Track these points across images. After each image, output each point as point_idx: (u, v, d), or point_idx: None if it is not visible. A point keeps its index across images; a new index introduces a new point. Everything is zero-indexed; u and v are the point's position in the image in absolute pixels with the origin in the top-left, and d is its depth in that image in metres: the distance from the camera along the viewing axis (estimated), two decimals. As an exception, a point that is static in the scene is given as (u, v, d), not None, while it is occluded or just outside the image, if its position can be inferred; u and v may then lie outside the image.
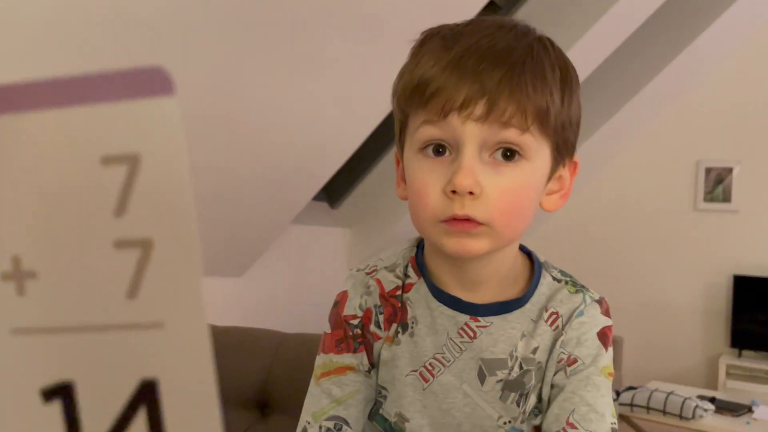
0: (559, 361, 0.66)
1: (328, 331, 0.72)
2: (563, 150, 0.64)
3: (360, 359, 0.70)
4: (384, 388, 0.70)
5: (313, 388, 0.71)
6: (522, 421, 0.67)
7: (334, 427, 0.68)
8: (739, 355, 3.82)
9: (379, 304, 0.70)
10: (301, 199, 2.59)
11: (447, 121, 0.58)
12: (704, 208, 4.06)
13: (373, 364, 0.70)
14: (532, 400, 0.67)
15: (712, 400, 2.56)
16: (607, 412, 0.65)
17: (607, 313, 0.68)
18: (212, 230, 2.35)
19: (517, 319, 0.67)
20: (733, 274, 3.87)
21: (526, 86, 0.57)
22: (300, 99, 2.03)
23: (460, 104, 0.57)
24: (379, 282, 0.71)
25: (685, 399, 2.38)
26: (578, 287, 0.69)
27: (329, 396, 0.69)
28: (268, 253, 2.83)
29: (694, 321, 4.04)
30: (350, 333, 0.70)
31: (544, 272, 0.69)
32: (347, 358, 0.70)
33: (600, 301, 0.69)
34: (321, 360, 0.71)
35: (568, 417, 0.64)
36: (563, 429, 0.64)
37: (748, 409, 2.51)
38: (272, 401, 1.23)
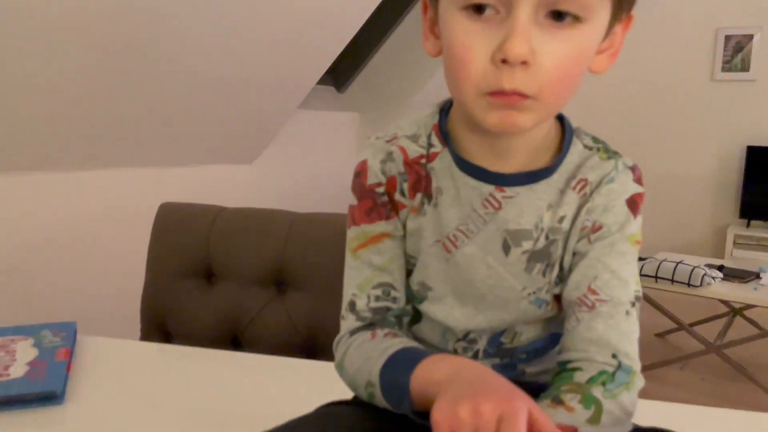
0: (582, 229, 0.64)
1: (355, 203, 0.69)
2: (625, 5, 0.58)
3: (394, 225, 0.68)
4: (413, 257, 0.69)
5: (351, 261, 0.69)
6: (547, 291, 0.66)
7: (383, 294, 0.67)
8: (748, 225, 3.85)
9: (403, 171, 0.67)
10: (307, 82, 2.53)
11: None
12: (721, 78, 3.93)
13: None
14: (557, 269, 0.65)
15: (721, 268, 2.60)
16: (631, 279, 0.64)
17: (639, 180, 0.66)
18: (221, 118, 2.32)
19: (543, 190, 0.64)
20: (746, 144, 3.82)
21: None
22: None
23: None
24: (402, 149, 0.67)
25: (694, 267, 2.42)
26: (611, 154, 0.66)
27: (370, 265, 0.68)
28: (277, 139, 2.80)
29: (704, 193, 4.04)
30: (378, 201, 0.67)
31: (575, 140, 0.66)
32: (381, 226, 0.68)
33: (633, 168, 0.66)
34: (354, 232, 0.69)
35: (590, 284, 0.63)
36: (584, 296, 0.63)
37: (756, 276, 2.56)
38: (287, 278, 1.26)
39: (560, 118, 0.67)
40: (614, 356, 0.61)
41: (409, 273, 0.70)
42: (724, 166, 3.96)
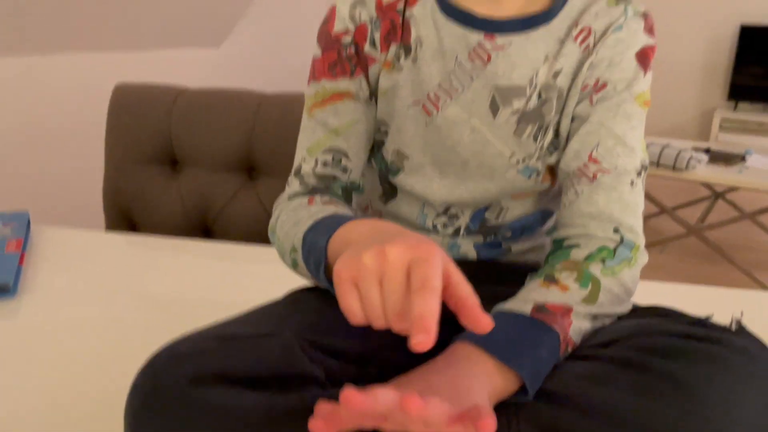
0: (584, 88, 0.56)
1: (318, 55, 0.61)
2: None
3: (358, 84, 0.60)
4: (385, 123, 0.62)
5: (306, 121, 0.62)
6: (538, 159, 0.59)
7: (333, 160, 0.60)
8: (735, 108, 3.79)
9: (375, 16, 0.59)
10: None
11: None
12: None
13: (373, 92, 0.61)
14: (551, 134, 0.58)
15: (707, 151, 2.56)
16: (638, 146, 0.56)
17: (651, 30, 0.57)
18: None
19: (541, 38, 0.56)
20: (740, 23, 3.67)
21: None
22: None
23: None
24: None
25: (680, 151, 2.37)
26: None
27: (325, 126, 0.61)
28: (244, 19, 2.62)
29: (692, 75, 3.94)
30: (344, 54, 0.59)
31: None
32: (343, 84, 0.60)
33: (645, 15, 0.57)
34: (313, 89, 0.61)
35: (591, 152, 0.56)
36: (584, 165, 0.56)
37: (742, 158, 2.52)
38: (258, 163, 1.18)
39: None
40: (616, 230, 0.55)
41: (381, 143, 0.63)
42: (715, 48, 3.83)
